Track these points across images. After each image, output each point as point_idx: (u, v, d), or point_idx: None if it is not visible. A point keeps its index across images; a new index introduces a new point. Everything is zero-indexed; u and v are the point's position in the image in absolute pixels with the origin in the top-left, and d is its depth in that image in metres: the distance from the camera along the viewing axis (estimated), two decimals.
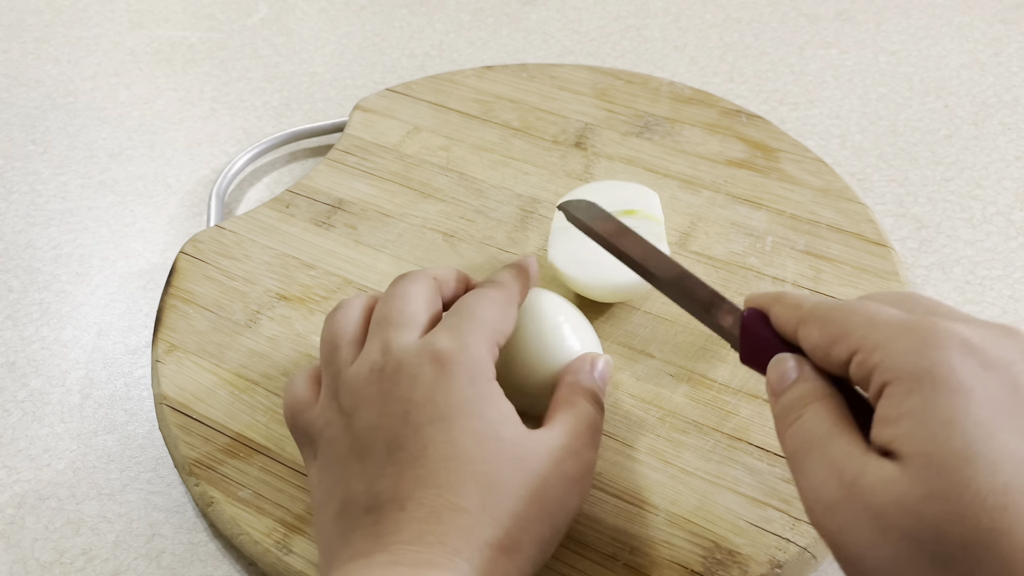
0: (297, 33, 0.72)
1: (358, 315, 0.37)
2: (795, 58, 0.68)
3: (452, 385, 0.32)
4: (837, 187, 0.52)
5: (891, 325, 0.27)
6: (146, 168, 0.60)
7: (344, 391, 0.34)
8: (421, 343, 0.33)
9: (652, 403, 0.42)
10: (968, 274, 0.50)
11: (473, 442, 0.31)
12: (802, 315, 0.30)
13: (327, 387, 0.35)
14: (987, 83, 0.65)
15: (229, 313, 0.46)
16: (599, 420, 0.35)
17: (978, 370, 0.25)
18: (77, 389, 0.46)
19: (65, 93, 0.66)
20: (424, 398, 0.32)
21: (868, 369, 0.27)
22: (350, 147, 0.57)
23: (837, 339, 0.28)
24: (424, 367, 0.32)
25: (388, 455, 0.31)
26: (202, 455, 0.40)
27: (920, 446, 0.24)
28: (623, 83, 0.61)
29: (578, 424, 0.34)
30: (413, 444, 0.31)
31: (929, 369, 0.25)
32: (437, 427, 0.31)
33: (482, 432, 0.31)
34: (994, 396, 0.24)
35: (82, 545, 0.39)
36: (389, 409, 0.32)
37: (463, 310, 0.35)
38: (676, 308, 0.46)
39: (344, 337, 0.36)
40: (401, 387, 0.32)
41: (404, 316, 0.35)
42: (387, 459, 0.31)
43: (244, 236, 0.51)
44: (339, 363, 0.35)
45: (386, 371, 0.33)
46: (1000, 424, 0.24)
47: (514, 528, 0.30)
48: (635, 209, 0.43)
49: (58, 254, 0.53)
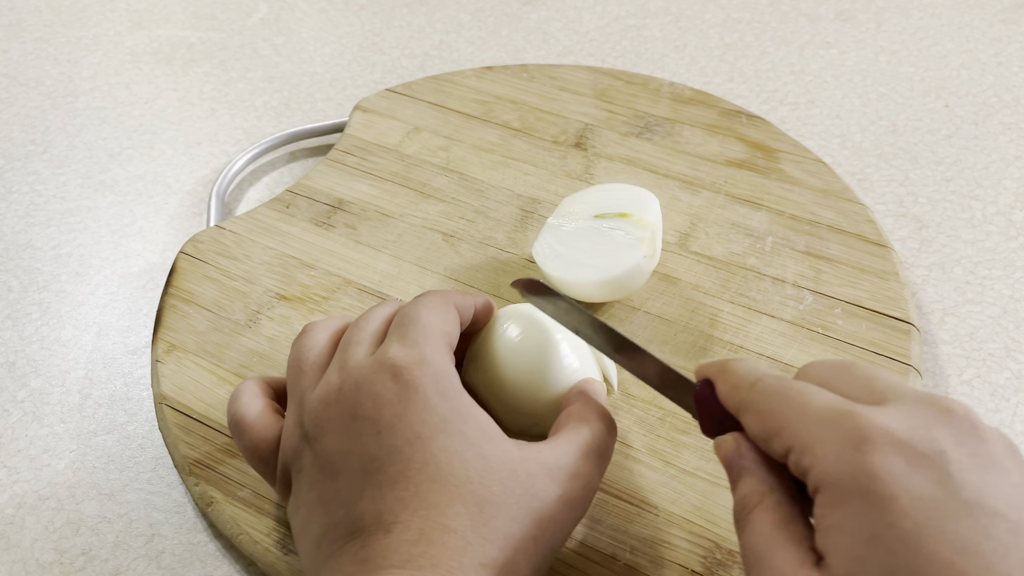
0: (297, 33, 0.73)
1: (324, 338, 0.36)
2: (795, 58, 0.68)
3: (424, 403, 0.31)
4: (837, 188, 0.52)
5: (821, 420, 0.26)
6: (146, 168, 0.60)
7: (308, 416, 0.33)
8: (375, 356, 0.33)
9: (652, 403, 0.42)
10: (968, 274, 0.51)
11: (458, 463, 0.30)
12: (741, 400, 0.29)
13: (291, 414, 0.34)
14: (987, 83, 0.65)
15: (229, 313, 0.46)
16: (611, 443, 0.34)
17: (904, 470, 0.24)
18: (77, 389, 0.46)
19: (65, 93, 0.66)
20: (395, 417, 0.31)
21: (803, 470, 0.26)
22: (350, 147, 0.57)
23: (773, 433, 0.28)
24: (385, 383, 0.32)
25: (364, 477, 0.30)
26: (202, 455, 0.40)
27: (845, 564, 0.24)
28: (623, 84, 0.61)
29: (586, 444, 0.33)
30: (391, 465, 0.30)
31: (853, 477, 0.25)
32: (414, 447, 0.30)
33: (464, 452, 0.30)
34: (922, 499, 0.24)
35: (82, 545, 0.39)
36: (356, 430, 0.31)
37: (405, 320, 0.34)
38: (676, 308, 0.46)
39: (307, 361, 0.35)
40: (364, 406, 0.31)
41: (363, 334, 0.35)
42: (364, 481, 0.30)
43: (244, 236, 0.51)
44: (303, 388, 0.34)
45: (344, 390, 0.32)
46: (927, 532, 0.23)
47: (509, 548, 0.30)
48: (629, 213, 0.44)
49: (58, 254, 0.53)
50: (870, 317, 0.45)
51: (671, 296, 0.47)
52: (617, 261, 0.42)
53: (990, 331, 0.47)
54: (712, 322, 0.45)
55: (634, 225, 0.43)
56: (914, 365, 0.43)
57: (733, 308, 0.46)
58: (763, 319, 0.45)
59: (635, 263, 0.42)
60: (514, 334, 0.38)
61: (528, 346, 0.38)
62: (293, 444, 0.33)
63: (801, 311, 0.45)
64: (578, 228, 0.44)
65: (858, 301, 0.46)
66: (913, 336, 0.44)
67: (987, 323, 0.48)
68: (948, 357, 0.46)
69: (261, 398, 0.36)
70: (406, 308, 0.35)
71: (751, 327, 0.45)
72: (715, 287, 0.47)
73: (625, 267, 0.42)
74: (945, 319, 0.48)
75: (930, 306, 0.49)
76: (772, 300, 0.46)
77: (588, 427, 0.34)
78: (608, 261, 0.43)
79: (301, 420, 0.33)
